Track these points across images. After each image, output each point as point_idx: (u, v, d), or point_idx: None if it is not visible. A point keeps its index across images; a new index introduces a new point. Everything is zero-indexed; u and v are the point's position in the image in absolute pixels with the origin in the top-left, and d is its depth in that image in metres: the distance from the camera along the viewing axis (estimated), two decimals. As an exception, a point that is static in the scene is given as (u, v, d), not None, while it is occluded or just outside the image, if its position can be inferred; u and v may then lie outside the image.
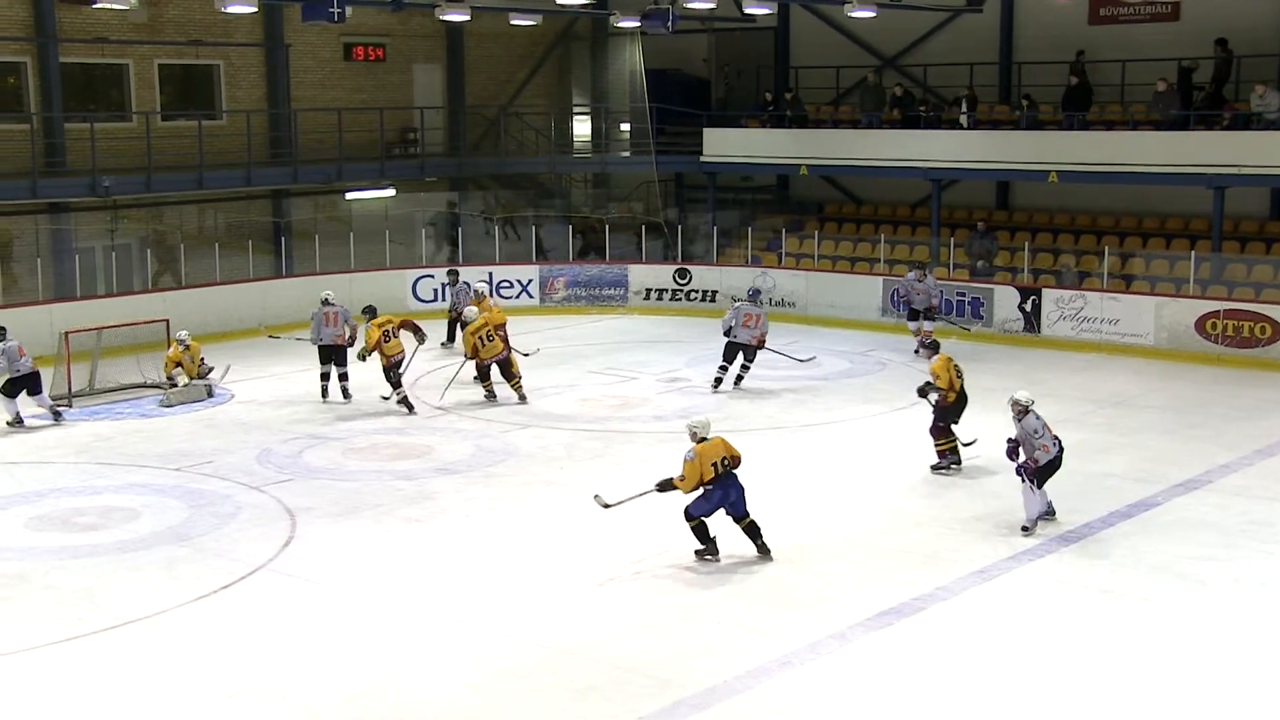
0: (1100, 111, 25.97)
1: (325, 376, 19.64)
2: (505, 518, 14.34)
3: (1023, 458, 13.52)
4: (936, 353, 16.00)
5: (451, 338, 23.73)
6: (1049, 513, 13.76)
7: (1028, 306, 24.09)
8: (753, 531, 12.90)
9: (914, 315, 22.95)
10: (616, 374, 21.53)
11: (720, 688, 10.08)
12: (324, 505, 14.70)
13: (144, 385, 20.23)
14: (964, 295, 24.73)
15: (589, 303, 28.01)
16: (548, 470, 16.11)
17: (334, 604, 11.95)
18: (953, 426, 15.76)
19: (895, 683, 10.28)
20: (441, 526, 14.10)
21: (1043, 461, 13.43)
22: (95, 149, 24.21)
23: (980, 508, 14.39)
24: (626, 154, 31.89)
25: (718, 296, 27.33)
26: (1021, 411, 13.49)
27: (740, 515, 12.86)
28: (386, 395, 19.06)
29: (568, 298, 28.10)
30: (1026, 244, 25.65)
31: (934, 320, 22.88)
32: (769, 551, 12.84)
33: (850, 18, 26.27)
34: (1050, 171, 25.21)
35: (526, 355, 20.92)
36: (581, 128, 33.64)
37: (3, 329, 18.14)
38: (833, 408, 19.30)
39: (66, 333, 19.76)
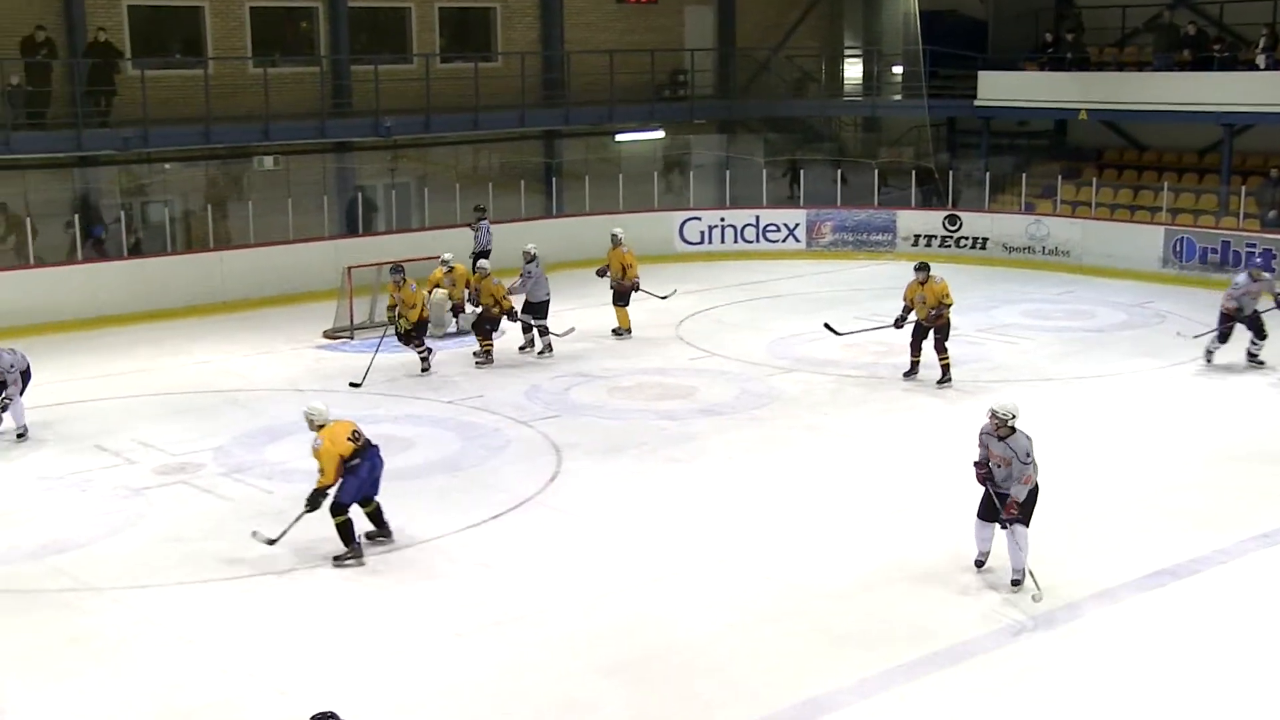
0: None
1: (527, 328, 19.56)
2: (768, 460, 14.34)
3: (1011, 492, 10.62)
4: None
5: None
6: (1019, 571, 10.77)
7: (1324, 259, 22.77)
8: (376, 517, 11.92)
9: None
10: (882, 320, 21.21)
11: (978, 641, 9.90)
12: (589, 442, 14.96)
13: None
14: (1254, 247, 23.49)
15: (856, 248, 27.70)
16: (811, 415, 16.03)
17: (597, 538, 12.17)
18: None
19: (1160, 645, 9.92)
20: (704, 467, 14.19)
21: (1022, 497, 10.57)
22: (379, 91, 25.03)
23: (1269, 471, 13.70)
24: (898, 98, 31.25)
25: (989, 244, 26.69)
26: (1000, 426, 10.68)
27: (371, 496, 11.85)
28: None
29: (834, 242, 27.84)
30: (1325, 193, 24.21)
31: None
32: (390, 533, 11.96)
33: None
34: (1356, 115, 23.69)
35: (664, 298, 20.86)
36: (853, 71, 33.11)
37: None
38: (1107, 361, 18.64)
39: (349, 268, 20.56)
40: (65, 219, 22.87)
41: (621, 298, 20.50)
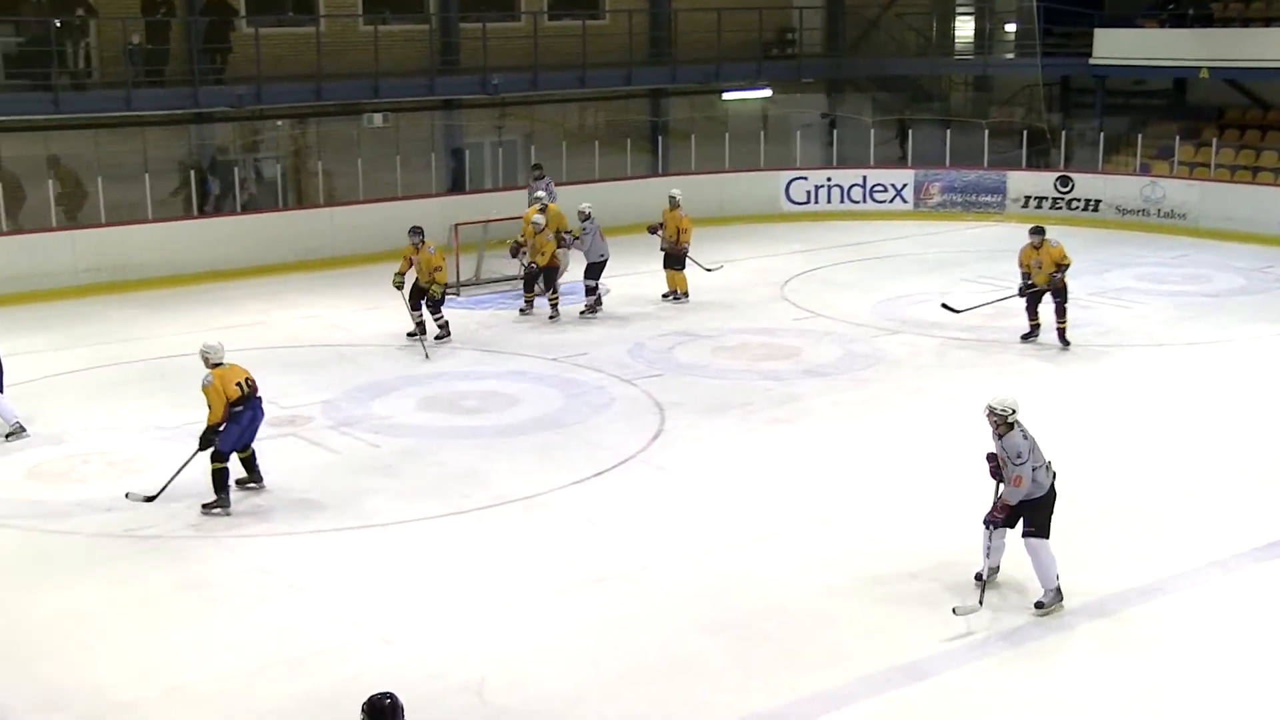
0: None
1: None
2: (872, 423, 14.25)
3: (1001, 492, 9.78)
4: None
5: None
6: (992, 570, 10.00)
7: None
8: (250, 464, 12.17)
9: None
10: (990, 283, 20.95)
11: (1088, 607, 9.77)
12: (692, 401, 14.97)
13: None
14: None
15: (964, 209, 27.34)
16: (917, 377, 15.90)
17: (700, 497, 12.19)
18: None
19: (1275, 617, 9.72)
20: (808, 428, 14.13)
21: (1014, 500, 9.66)
22: (486, 49, 25.12)
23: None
24: (1010, 56, 30.75)
25: (1101, 206, 26.20)
26: (999, 423, 9.72)
27: (249, 444, 12.06)
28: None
29: (942, 203, 27.51)
30: None
31: None
32: (262, 480, 12.23)
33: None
34: None
35: (710, 270, 20.56)
36: (964, 28, 32.62)
37: None
38: (1224, 325, 18.24)
39: (456, 225, 20.71)
40: (181, 175, 23.29)
41: (677, 261, 20.04)
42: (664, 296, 20.09)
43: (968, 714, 8.29)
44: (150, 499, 11.69)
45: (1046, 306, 16.98)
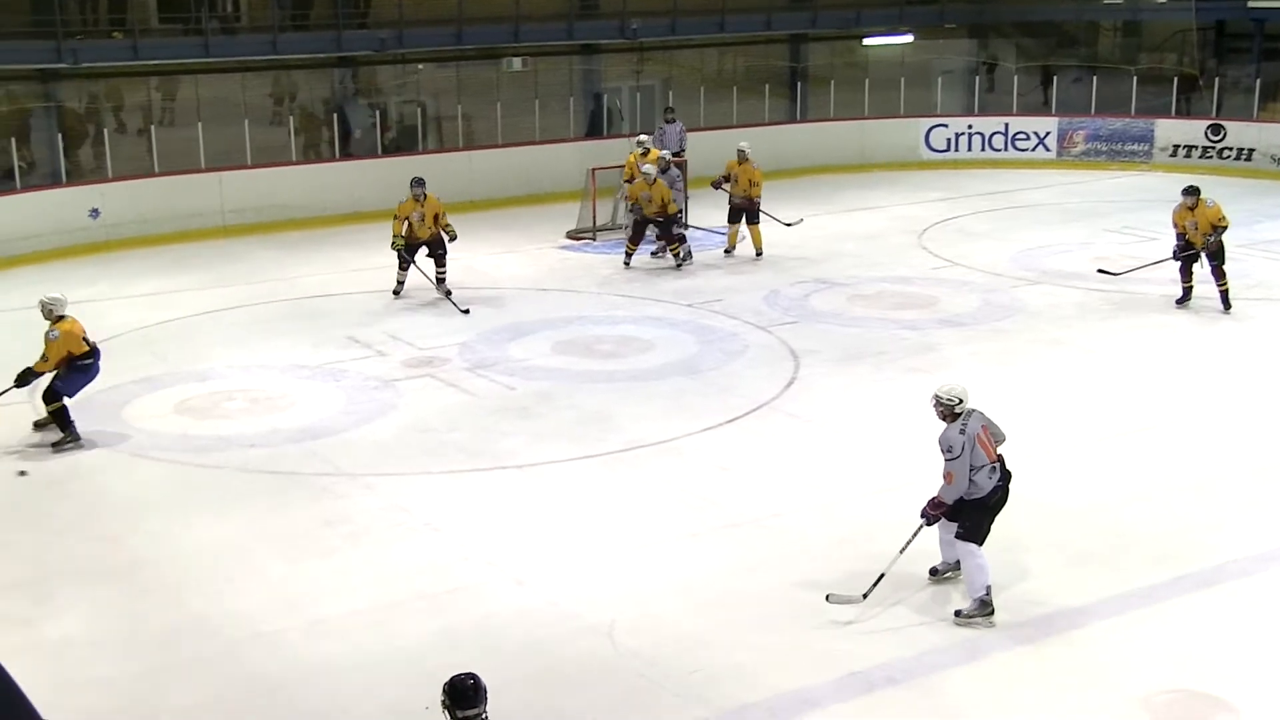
0: None
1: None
2: (1008, 373, 14.05)
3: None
4: None
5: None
6: (949, 565, 9.37)
7: None
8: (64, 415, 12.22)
9: None
10: (1135, 234, 20.49)
11: (1228, 566, 9.57)
12: (827, 349, 14.89)
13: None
14: None
15: (1109, 158, 26.71)
16: (1055, 328, 15.63)
17: (833, 445, 12.15)
18: None
19: None
20: (944, 378, 13.93)
21: (948, 498, 8.88)
22: (626, -8, 25.09)
23: None
24: (1162, 1, 29.86)
25: (1254, 155, 25.39)
26: (945, 413, 8.95)
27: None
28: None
29: (1087, 152, 26.89)
30: None
31: None
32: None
33: None
34: None
35: (789, 225, 20.03)
36: (1113, -29, 31.78)
37: None
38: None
39: (593, 169, 20.78)
40: (325, 118, 23.66)
41: (753, 215, 19.27)
42: (726, 253, 19.55)
43: (1106, 667, 8.18)
44: (22, 473, 11.62)
45: (1201, 269, 16.21)
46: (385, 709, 7.88)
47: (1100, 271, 17.61)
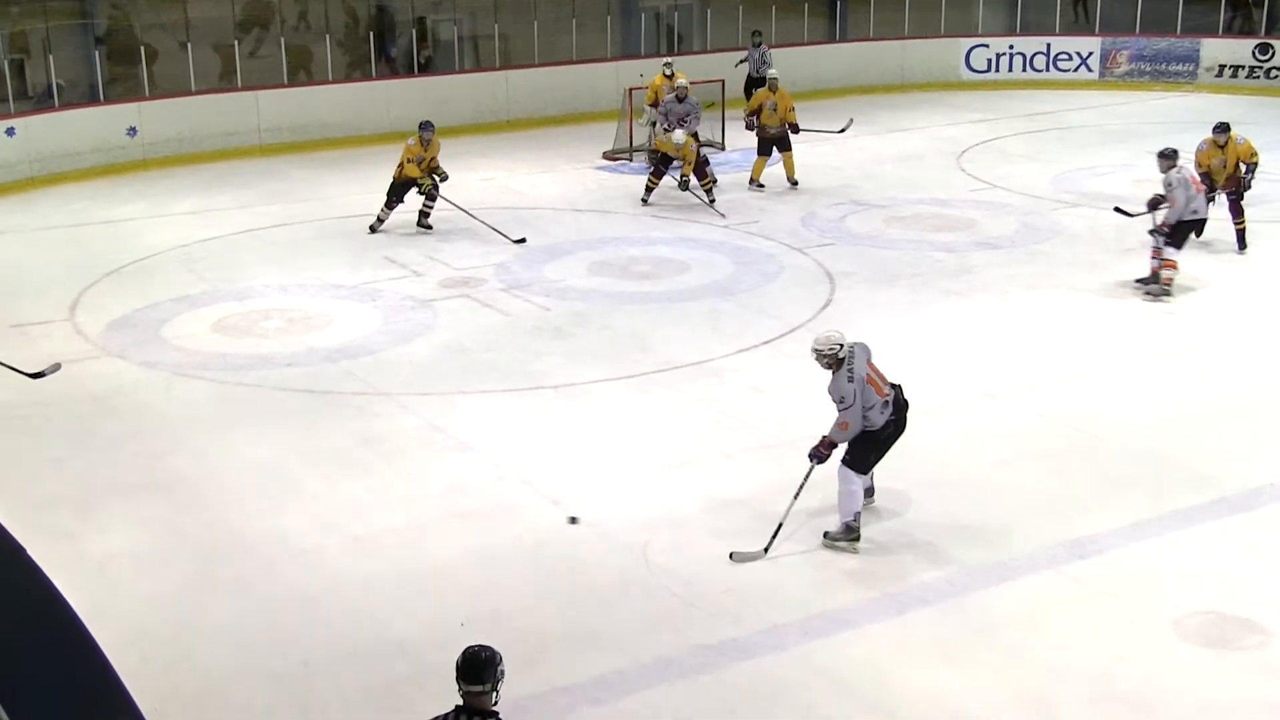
0: None
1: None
2: (1046, 297, 13.97)
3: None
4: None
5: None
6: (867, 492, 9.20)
7: None
8: None
9: None
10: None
11: (1267, 490, 9.54)
12: (863, 271, 14.84)
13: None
14: None
15: (1153, 79, 26.34)
16: (1093, 252, 15.51)
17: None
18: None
19: None
20: (980, 302, 13.93)
21: (840, 440, 8.84)
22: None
23: None
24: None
25: (1302, 76, 25.00)
26: (830, 363, 8.77)
27: None
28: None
29: (1130, 72, 26.53)
30: None
31: None
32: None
33: None
34: None
35: (841, 130, 19.30)
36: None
37: None
38: None
39: (630, 89, 20.65)
40: (362, 36, 23.57)
41: (784, 143, 18.59)
42: (755, 185, 18.80)
43: (1139, 589, 8.20)
44: None
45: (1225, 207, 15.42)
46: (422, 624, 7.98)
47: (1116, 210, 17.33)
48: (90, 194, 18.94)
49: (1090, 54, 26.67)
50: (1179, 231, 13.76)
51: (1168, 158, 13.90)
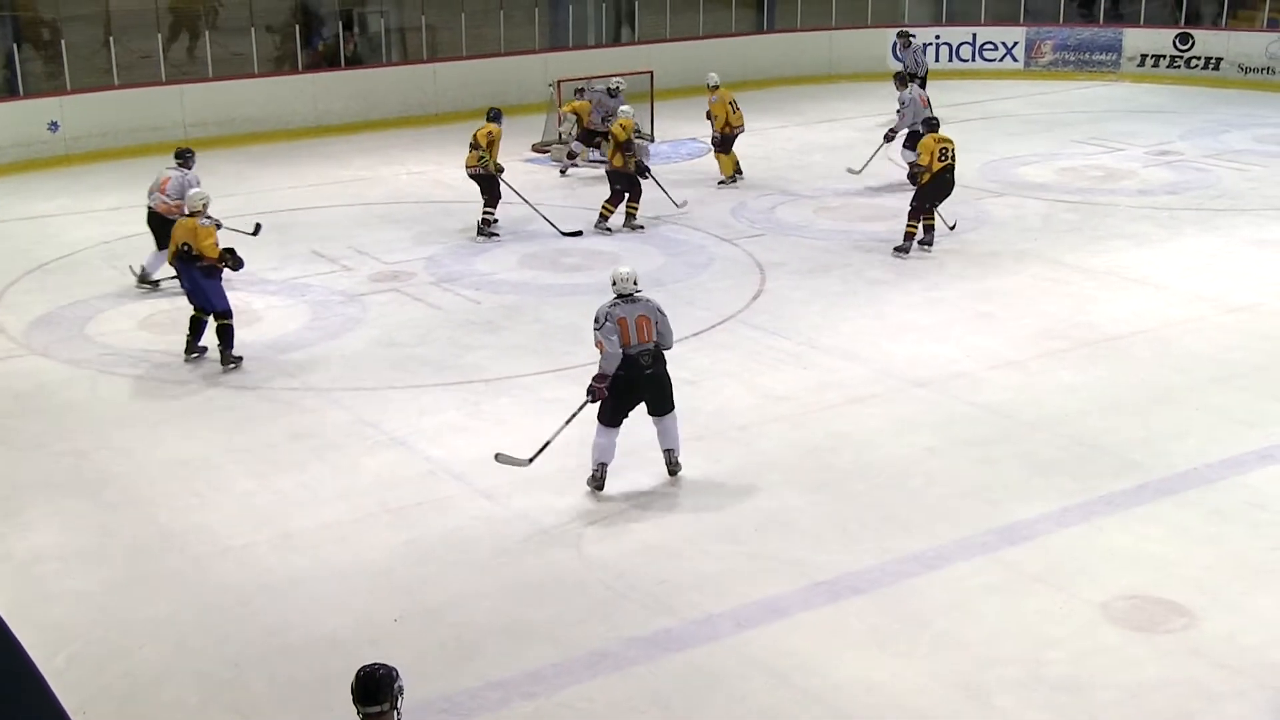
0: None
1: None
2: (975, 286, 14.09)
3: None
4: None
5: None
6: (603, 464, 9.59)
7: None
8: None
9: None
10: (1101, 144, 20.52)
11: (1191, 474, 9.70)
12: (794, 261, 14.90)
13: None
14: None
15: (1077, 68, 26.63)
16: (1021, 240, 15.66)
17: (798, 358, 12.17)
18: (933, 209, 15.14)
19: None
20: (909, 291, 14.02)
21: (607, 369, 9.31)
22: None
23: None
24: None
25: (1222, 65, 25.35)
26: (616, 293, 9.45)
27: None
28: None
29: (1054, 62, 26.80)
30: None
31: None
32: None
33: None
34: None
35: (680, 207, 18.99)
36: None
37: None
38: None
39: (558, 81, 20.60)
40: (287, 29, 23.34)
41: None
42: (729, 182, 18.55)
43: (1067, 574, 8.30)
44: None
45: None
46: (354, 621, 7.94)
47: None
48: (11, 189, 18.63)
49: (1015, 44, 26.91)
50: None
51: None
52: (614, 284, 9.52)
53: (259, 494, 9.59)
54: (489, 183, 15.95)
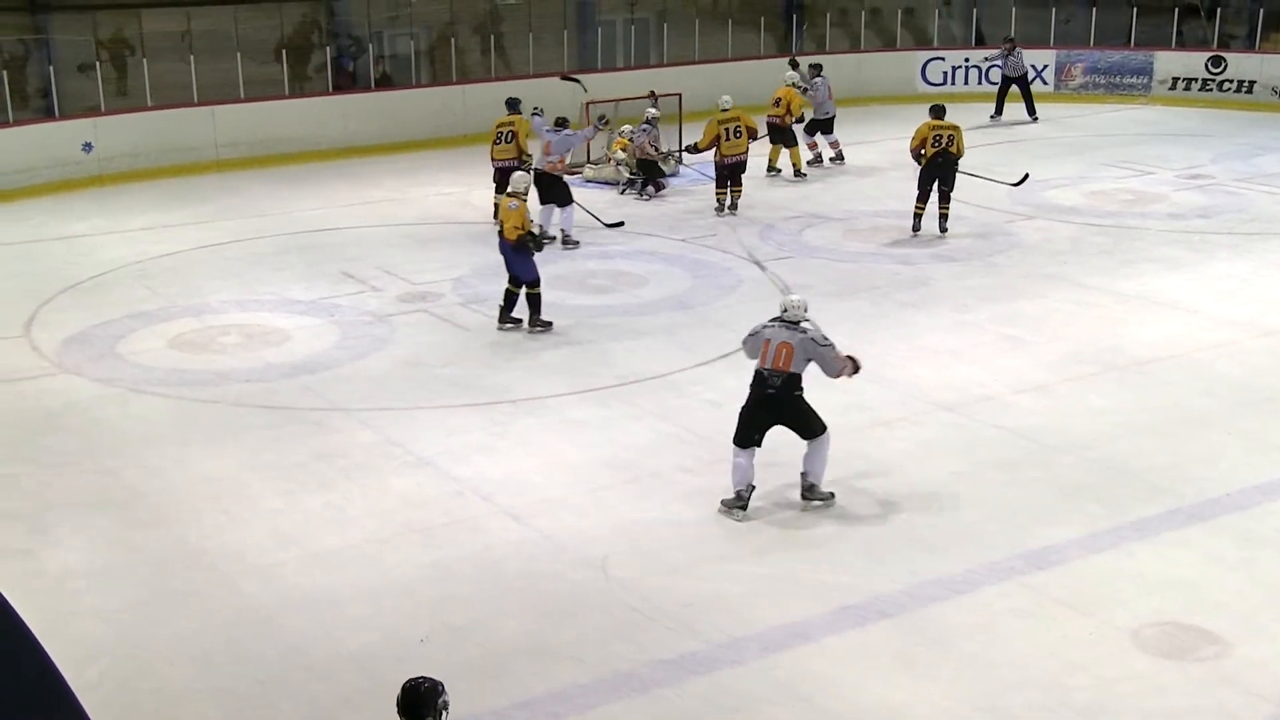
0: None
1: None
2: (1003, 309, 14.05)
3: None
4: None
5: (1000, 110, 24.13)
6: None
7: None
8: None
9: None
10: (1132, 168, 20.45)
11: (1222, 500, 9.63)
12: (822, 284, 14.89)
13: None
14: None
15: (1108, 91, 26.56)
16: (1050, 263, 15.61)
17: (825, 380, 12.09)
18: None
19: None
20: (937, 314, 13.99)
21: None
22: (621, -77, 24.85)
23: None
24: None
25: (1255, 88, 25.24)
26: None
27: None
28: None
29: (1085, 85, 26.74)
30: None
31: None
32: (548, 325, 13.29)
33: None
34: None
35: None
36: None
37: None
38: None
39: (587, 103, 20.66)
40: (319, 52, 23.50)
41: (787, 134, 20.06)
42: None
43: (1096, 599, 8.25)
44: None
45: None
46: (380, 640, 7.95)
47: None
48: (46, 209, 18.80)
49: (1045, 66, 26.85)
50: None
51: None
52: (783, 308, 9.84)
53: (287, 513, 9.62)
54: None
